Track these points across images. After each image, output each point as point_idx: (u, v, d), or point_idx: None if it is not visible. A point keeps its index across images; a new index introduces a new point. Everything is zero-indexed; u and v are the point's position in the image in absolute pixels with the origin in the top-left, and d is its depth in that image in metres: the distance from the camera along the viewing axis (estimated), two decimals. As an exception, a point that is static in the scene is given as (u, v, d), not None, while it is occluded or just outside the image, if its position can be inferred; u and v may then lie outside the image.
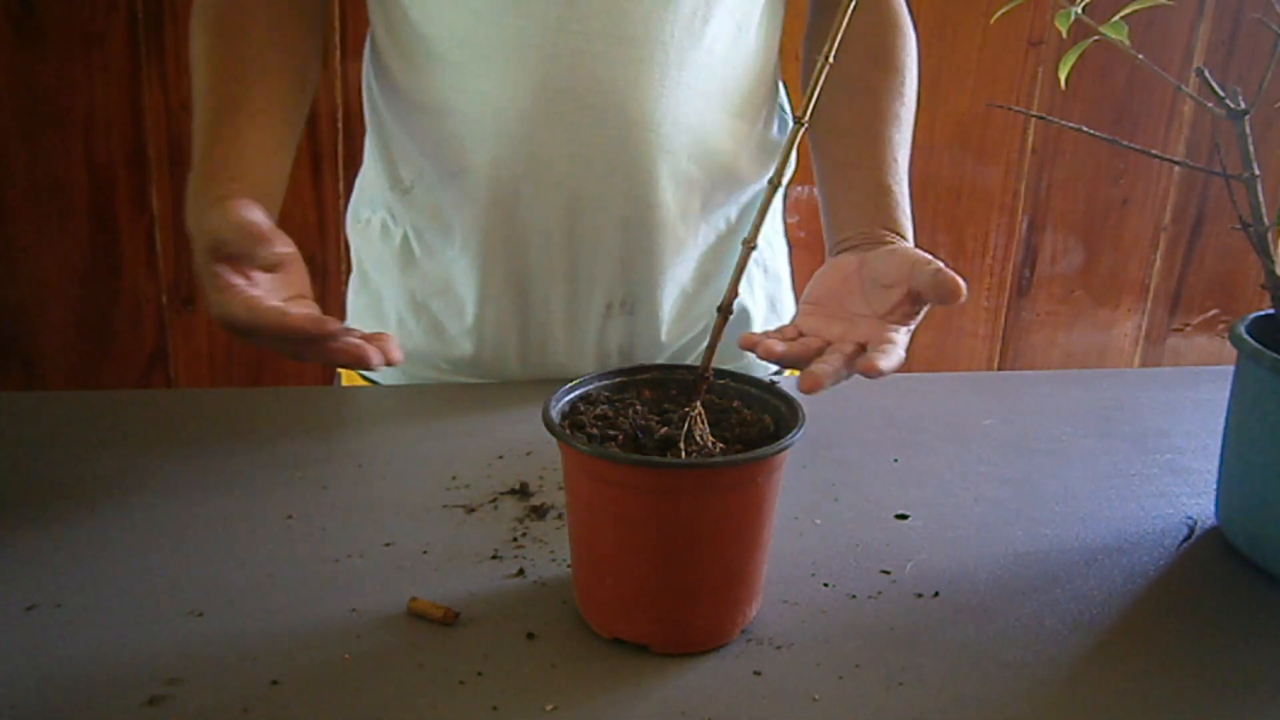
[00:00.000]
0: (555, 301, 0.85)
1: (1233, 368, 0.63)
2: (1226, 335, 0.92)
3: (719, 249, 0.89)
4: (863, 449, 0.76)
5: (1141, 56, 0.57)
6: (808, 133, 0.89)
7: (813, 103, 0.51)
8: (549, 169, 0.79)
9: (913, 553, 0.62)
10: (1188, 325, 1.76)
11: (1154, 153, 0.63)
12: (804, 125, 0.52)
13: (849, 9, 0.51)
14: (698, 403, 0.54)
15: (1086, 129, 0.61)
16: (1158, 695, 0.51)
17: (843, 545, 0.63)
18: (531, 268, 0.84)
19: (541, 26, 0.75)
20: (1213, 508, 0.68)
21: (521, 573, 0.59)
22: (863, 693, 0.50)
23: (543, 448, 0.74)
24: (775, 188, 0.53)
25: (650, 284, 0.86)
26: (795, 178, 1.42)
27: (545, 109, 0.77)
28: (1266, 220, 0.58)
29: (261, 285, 0.68)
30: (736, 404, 0.58)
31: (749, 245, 0.54)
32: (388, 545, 0.62)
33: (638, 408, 0.56)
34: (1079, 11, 0.57)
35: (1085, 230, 1.68)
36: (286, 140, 0.79)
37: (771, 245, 0.96)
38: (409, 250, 0.88)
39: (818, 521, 0.66)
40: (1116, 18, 0.56)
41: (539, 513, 0.66)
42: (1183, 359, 1.78)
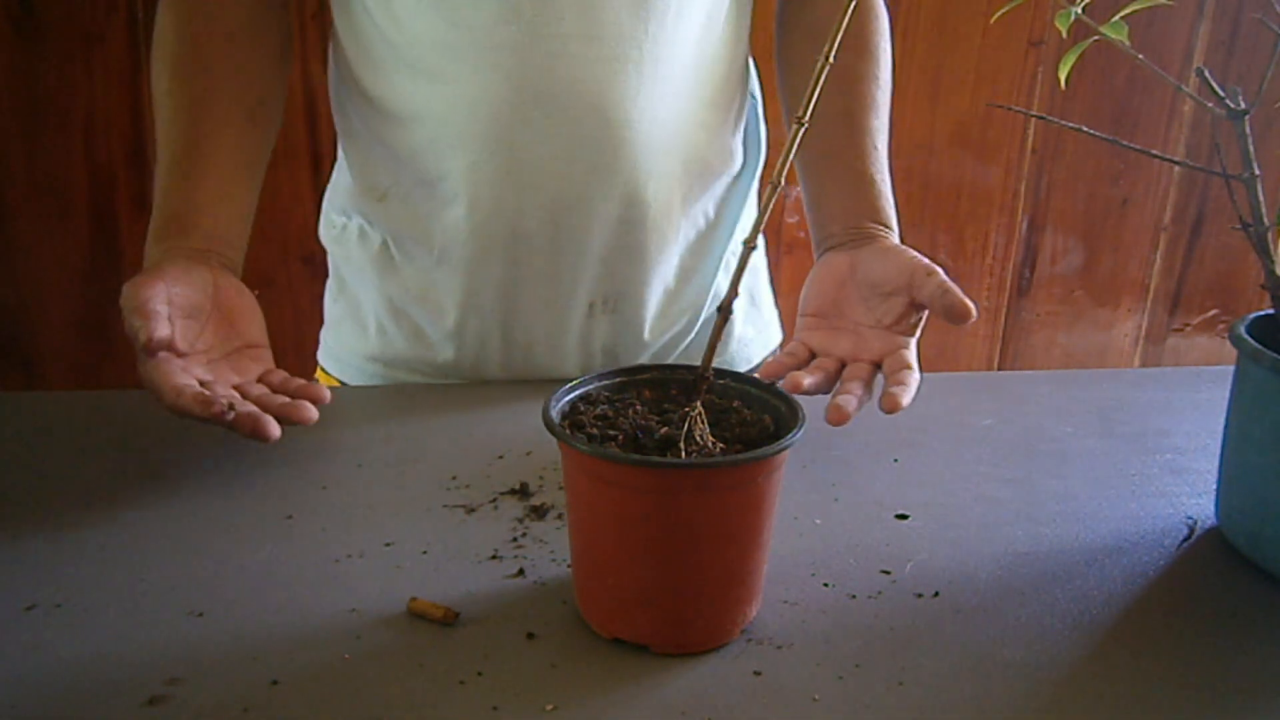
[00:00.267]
0: (538, 303, 0.85)
1: (1233, 368, 0.63)
2: (1226, 335, 0.92)
3: (699, 243, 0.89)
4: (863, 449, 0.76)
5: (1141, 56, 0.57)
6: (788, 123, 0.90)
7: (813, 103, 0.51)
8: (528, 172, 0.79)
9: (913, 553, 0.63)
10: (1188, 325, 1.76)
11: (1154, 153, 0.63)
12: (804, 126, 0.52)
13: (848, 9, 0.51)
14: (698, 403, 0.54)
15: (1086, 129, 0.61)
16: (1158, 695, 0.51)
17: (843, 545, 0.63)
18: (514, 271, 0.83)
19: (514, 29, 0.75)
20: (1213, 508, 0.68)
21: (521, 573, 0.59)
22: (863, 693, 0.50)
23: (543, 448, 0.74)
24: (775, 188, 0.53)
25: (633, 281, 0.86)
26: (790, 178, 1.42)
27: (522, 112, 0.77)
28: (1266, 220, 0.58)
29: (202, 339, 0.72)
30: (736, 404, 0.58)
31: (749, 246, 0.54)
32: (388, 545, 0.62)
33: (638, 408, 0.57)
34: (1079, 11, 0.57)
35: (1085, 230, 1.68)
36: (246, 181, 0.80)
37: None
38: (388, 256, 0.87)
39: (818, 521, 0.66)
40: (1116, 18, 0.56)
41: (539, 513, 0.66)
42: (1183, 359, 1.77)
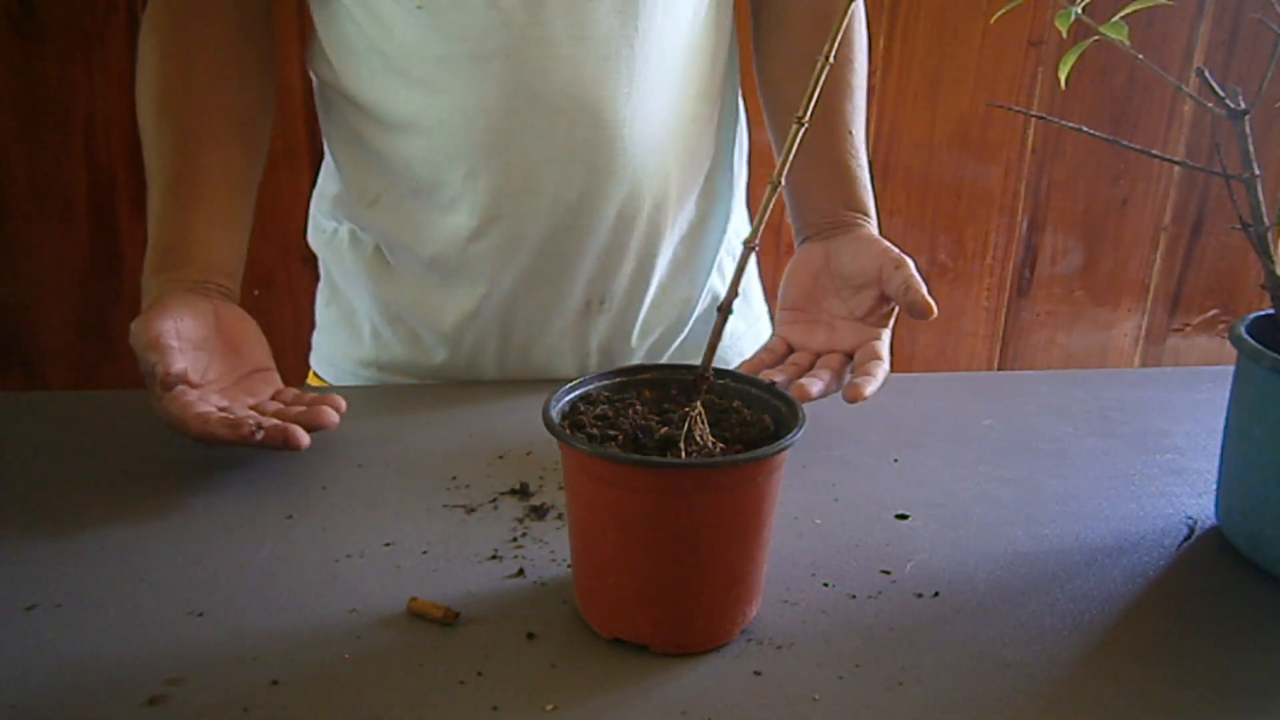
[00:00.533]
0: (536, 304, 0.85)
1: (1233, 368, 0.63)
2: (1226, 335, 0.92)
3: (691, 237, 0.89)
4: (863, 449, 0.76)
5: (1141, 56, 0.57)
6: (776, 149, 0.90)
7: (813, 103, 0.51)
8: (526, 176, 0.79)
9: (913, 553, 0.63)
10: (1188, 325, 1.76)
11: (1154, 153, 0.63)
12: (804, 125, 0.52)
13: (848, 9, 0.51)
14: (698, 403, 0.54)
15: (1086, 129, 0.61)
16: (1158, 695, 0.51)
17: (843, 545, 0.63)
18: (512, 274, 0.83)
19: (505, 36, 0.74)
20: (1213, 508, 0.68)
21: (521, 573, 0.59)
22: (863, 693, 0.50)
23: (543, 448, 0.74)
24: (775, 188, 0.53)
25: (629, 278, 0.86)
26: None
27: (517, 118, 0.76)
28: (1266, 220, 0.58)
29: (211, 370, 0.73)
30: (736, 404, 0.58)
31: (750, 246, 0.54)
32: (388, 545, 0.62)
33: (638, 408, 0.56)
34: (1079, 11, 0.57)
35: (1085, 230, 1.68)
36: (239, 208, 0.80)
37: (740, 235, 0.97)
38: (381, 261, 0.87)
39: (818, 521, 0.66)
40: (1116, 18, 0.56)
41: (539, 513, 0.66)
42: (1183, 359, 1.77)
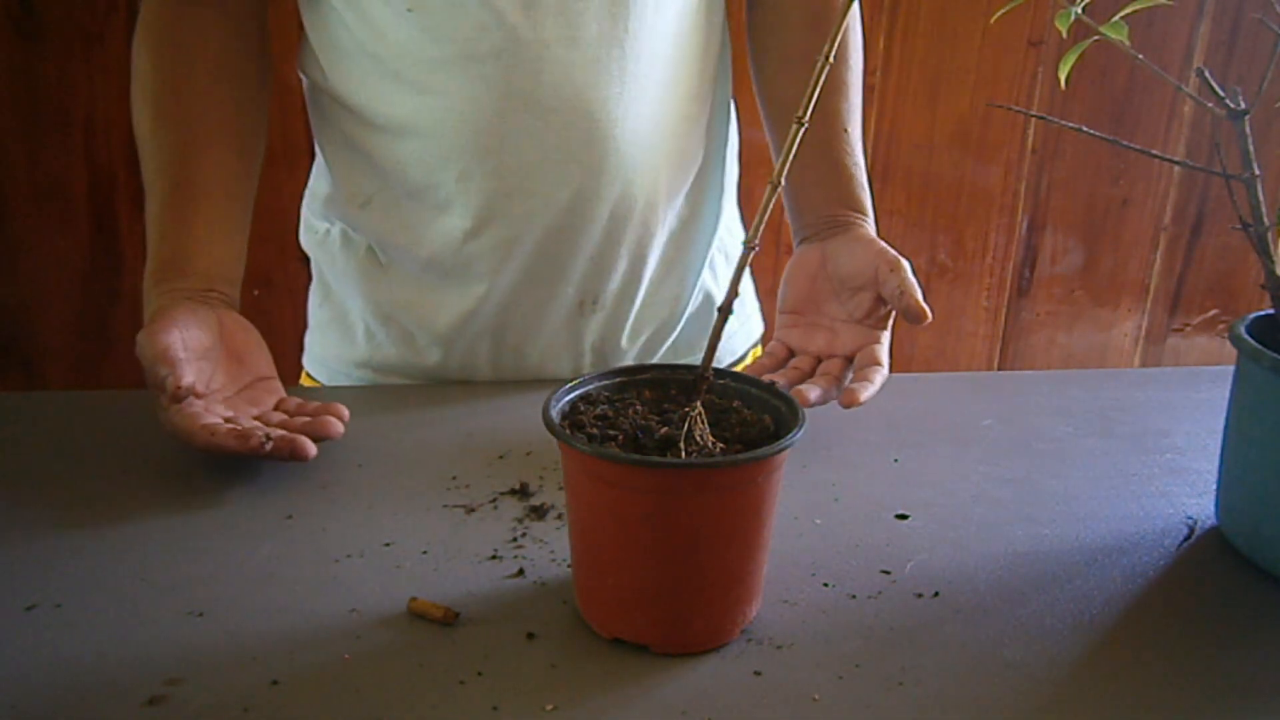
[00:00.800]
0: (530, 305, 0.85)
1: (1233, 368, 0.63)
2: (1226, 335, 0.92)
3: (682, 235, 0.89)
4: (863, 449, 0.76)
5: (1141, 56, 0.57)
6: (761, 108, 0.90)
7: (812, 103, 0.51)
8: (518, 178, 0.79)
9: (913, 553, 0.63)
10: (1188, 325, 1.76)
11: (1154, 153, 0.63)
12: (804, 125, 0.52)
13: (848, 9, 0.51)
14: (698, 403, 0.54)
15: (1086, 129, 0.61)
16: (1157, 695, 0.51)
17: (843, 545, 0.63)
18: (506, 275, 0.83)
19: (496, 38, 0.74)
20: (1213, 508, 0.68)
21: (521, 573, 0.59)
22: (863, 693, 0.50)
23: (543, 448, 0.74)
24: (775, 188, 0.53)
25: (622, 277, 0.86)
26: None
27: (509, 120, 0.76)
28: (1266, 220, 0.58)
29: (215, 379, 0.73)
30: (736, 404, 0.58)
31: (750, 247, 0.54)
32: (388, 545, 0.62)
33: (638, 408, 0.56)
34: (1079, 11, 0.57)
35: (1085, 230, 1.68)
36: (238, 215, 0.80)
37: (733, 234, 0.98)
38: (374, 262, 0.87)
39: (818, 521, 0.66)
40: (1116, 18, 0.56)
41: (539, 513, 0.66)
42: (1183, 359, 1.77)
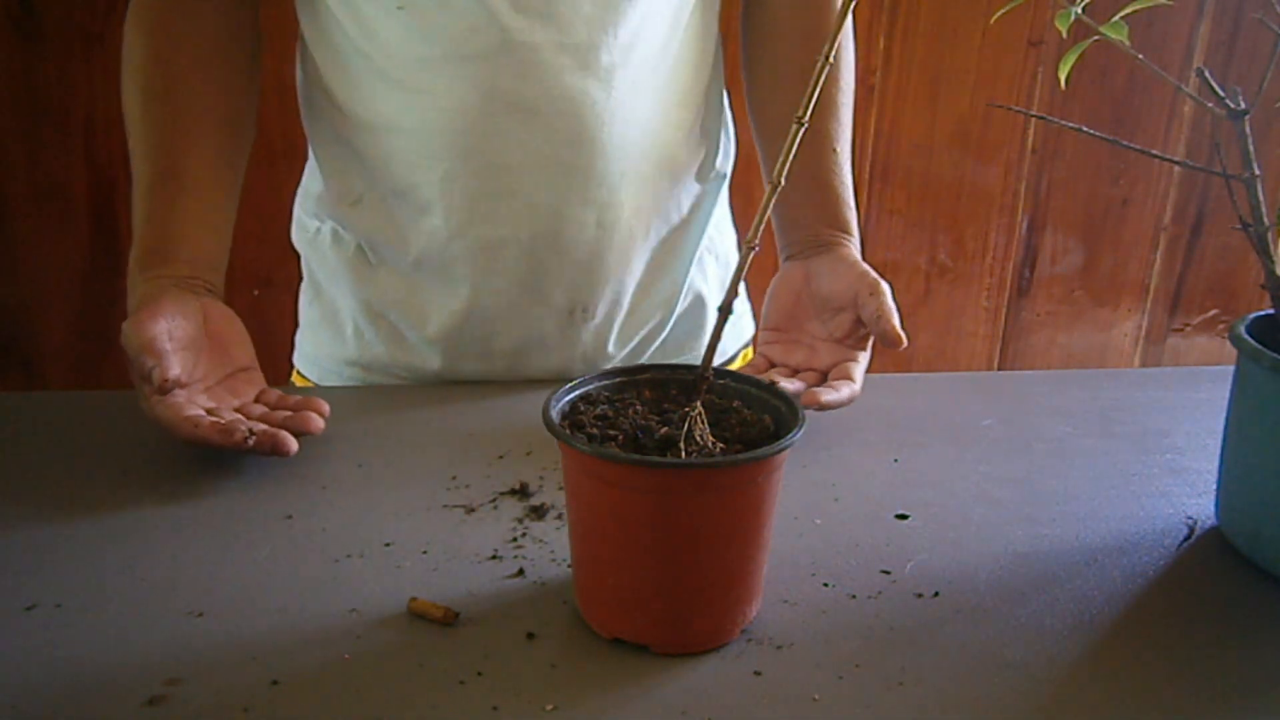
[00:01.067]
0: (517, 310, 0.85)
1: (1233, 368, 0.63)
2: (1226, 335, 0.92)
3: (671, 239, 0.89)
4: (863, 449, 0.76)
5: (1141, 56, 0.57)
6: (766, 178, 0.91)
7: (812, 103, 0.51)
8: (503, 181, 0.79)
9: (913, 553, 0.63)
10: (1188, 325, 1.76)
11: (1154, 153, 0.63)
12: (804, 125, 0.52)
13: (848, 9, 0.51)
14: (698, 403, 0.54)
15: (1086, 129, 0.61)
16: (1157, 695, 0.51)
17: (843, 545, 0.63)
18: (492, 279, 0.83)
19: (485, 38, 0.74)
20: (1213, 508, 0.68)
21: (521, 573, 0.59)
22: (863, 693, 0.50)
23: (543, 448, 0.74)
24: (775, 188, 0.53)
25: (610, 282, 0.86)
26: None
27: (495, 122, 0.77)
28: (1266, 220, 0.58)
29: (198, 369, 0.73)
30: (736, 404, 0.58)
31: (750, 246, 0.54)
32: (388, 545, 0.62)
33: (638, 408, 0.57)
34: (1079, 11, 0.57)
35: (1085, 230, 1.68)
36: (224, 202, 0.80)
37: (722, 232, 0.97)
38: (363, 260, 0.87)
39: (818, 521, 0.66)
40: (1116, 18, 0.56)
41: (539, 513, 0.66)
42: (1183, 359, 1.77)
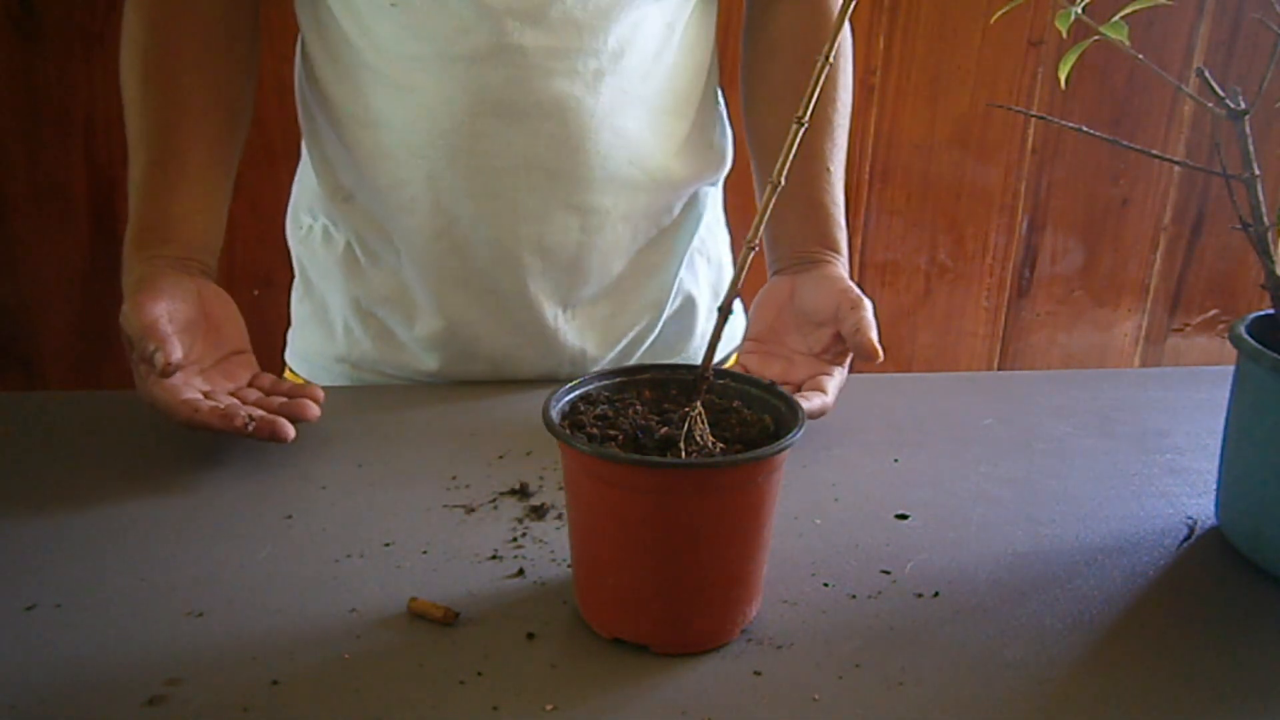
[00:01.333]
0: (503, 310, 0.85)
1: (1233, 368, 0.63)
2: (1226, 335, 0.92)
3: (660, 241, 0.89)
4: (863, 449, 0.76)
5: (1141, 56, 0.57)
6: (759, 189, 0.91)
7: (813, 102, 0.51)
8: (487, 180, 0.79)
9: (913, 553, 0.63)
10: (1188, 325, 1.76)
11: (1154, 153, 0.63)
12: (803, 125, 0.52)
13: (848, 10, 0.51)
14: (698, 403, 0.54)
15: (1086, 129, 0.61)
16: (1157, 695, 0.51)
17: (843, 545, 0.63)
18: (477, 277, 0.83)
19: (474, 39, 0.74)
20: (1213, 508, 0.68)
21: (521, 573, 0.59)
22: (863, 693, 0.50)
23: (543, 448, 0.74)
24: (775, 189, 0.53)
25: (596, 285, 0.86)
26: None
27: (481, 123, 0.77)
28: (1266, 220, 0.58)
29: (194, 350, 0.73)
30: (736, 404, 0.58)
31: (750, 246, 0.54)
32: (388, 545, 0.62)
33: (638, 408, 0.57)
34: (1079, 11, 0.57)
35: (1085, 230, 1.68)
36: (222, 184, 0.81)
37: (714, 234, 0.97)
38: (353, 258, 0.87)
39: (818, 521, 0.66)
40: (1116, 18, 0.56)
41: (539, 513, 0.66)
42: (1183, 359, 1.77)
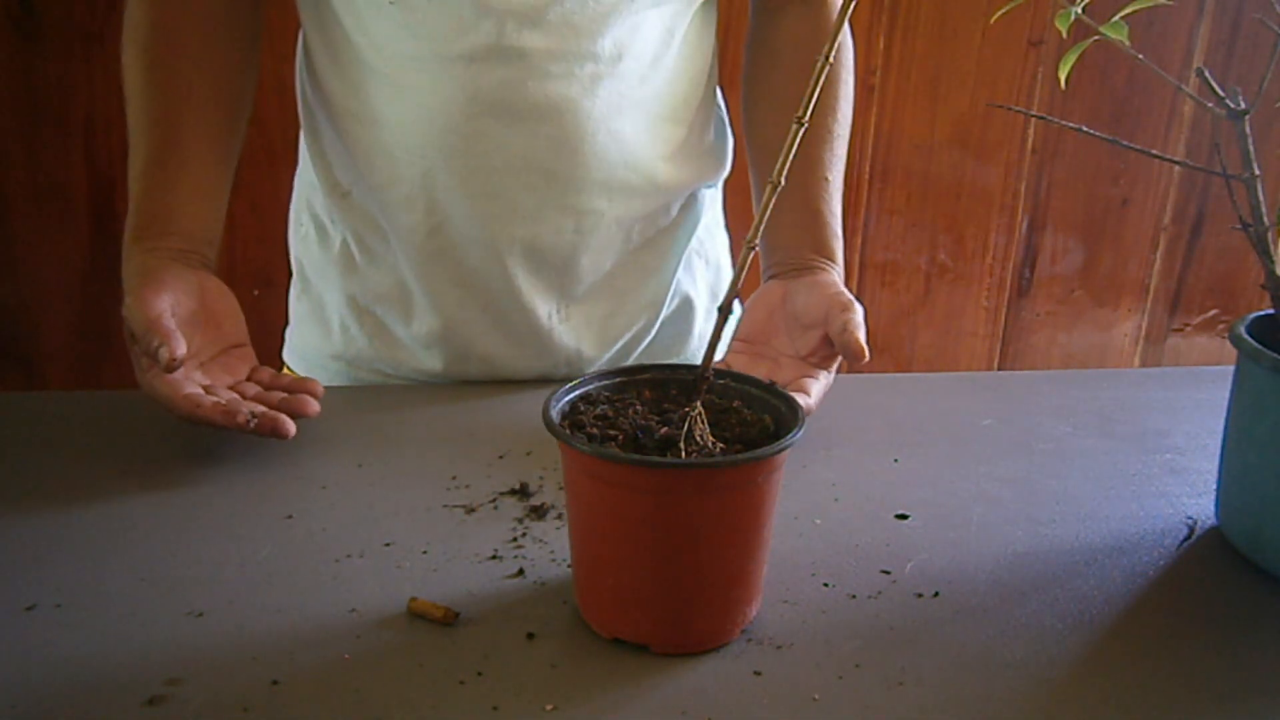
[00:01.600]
0: (496, 309, 0.85)
1: (1233, 368, 0.63)
2: (1226, 335, 0.92)
3: (657, 242, 0.89)
4: (863, 449, 0.76)
5: (1141, 56, 0.57)
6: (756, 194, 0.90)
7: (813, 102, 0.51)
8: (482, 181, 0.79)
9: (913, 553, 0.63)
10: (1188, 325, 1.76)
11: (1154, 153, 0.63)
12: (803, 125, 0.52)
13: (848, 10, 0.51)
14: (698, 403, 0.54)
15: (1086, 129, 0.61)
16: (1157, 695, 0.51)
17: (843, 545, 0.63)
18: (471, 277, 0.84)
19: (472, 39, 0.74)
20: (1213, 508, 0.68)
21: (521, 573, 0.59)
22: (863, 693, 0.50)
23: (543, 448, 0.74)
24: (775, 188, 0.53)
25: (591, 287, 0.86)
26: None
27: (477, 123, 0.77)
28: (1266, 220, 0.58)
29: (195, 344, 0.74)
30: (736, 404, 0.58)
31: (750, 246, 0.54)
32: (388, 545, 0.62)
33: (638, 408, 0.57)
34: (1079, 11, 0.57)
35: (1085, 230, 1.68)
36: (222, 177, 0.81)
37: (713, 235, 0.97)
38: (349, 256, 0.88)
39: (818, 521, 0.66)
40: (1116, 18, 0.56)
41: (539, 513, 0.66)
42: (1183, 359, 1.77)
